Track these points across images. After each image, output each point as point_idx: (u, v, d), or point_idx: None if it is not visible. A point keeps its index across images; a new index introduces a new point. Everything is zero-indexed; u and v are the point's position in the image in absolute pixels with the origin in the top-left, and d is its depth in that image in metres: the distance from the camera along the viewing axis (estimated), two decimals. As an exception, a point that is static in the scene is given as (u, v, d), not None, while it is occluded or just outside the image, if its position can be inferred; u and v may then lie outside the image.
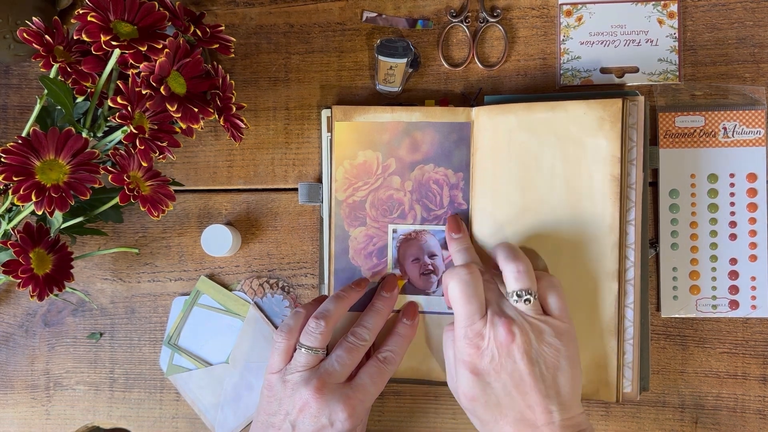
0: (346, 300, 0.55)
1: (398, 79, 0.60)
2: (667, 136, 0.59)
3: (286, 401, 0.52)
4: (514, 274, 0.50)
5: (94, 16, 0.47)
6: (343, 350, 0.53)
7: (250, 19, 0.63)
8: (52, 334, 0.64)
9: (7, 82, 0.65)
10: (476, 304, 0.50)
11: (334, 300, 0.55)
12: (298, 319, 0.54)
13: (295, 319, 0.54)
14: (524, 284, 0.50)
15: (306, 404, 0.51)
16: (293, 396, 0.51)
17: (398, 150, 0.58)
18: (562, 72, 0.60)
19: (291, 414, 0.51)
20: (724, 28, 0.59)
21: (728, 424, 0.58)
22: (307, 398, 0.51)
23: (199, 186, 0.63)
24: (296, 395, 0.51)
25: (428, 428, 0.60)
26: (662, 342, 0.59)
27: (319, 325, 0.53)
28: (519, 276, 0.50)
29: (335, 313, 0.54)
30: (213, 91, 0.52)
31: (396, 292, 0.56)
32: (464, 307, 0.50)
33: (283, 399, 0.52)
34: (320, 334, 0.53)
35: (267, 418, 0.53)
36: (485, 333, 0.49)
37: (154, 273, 0.63)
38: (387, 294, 0.56)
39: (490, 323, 0.49)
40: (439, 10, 0.61)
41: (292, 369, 0.53)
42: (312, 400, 0.51)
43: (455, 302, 0.50)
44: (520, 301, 0.49)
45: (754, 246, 0.58)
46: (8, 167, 0.46)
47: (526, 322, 0.49)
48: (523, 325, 0.49)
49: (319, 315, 0.53)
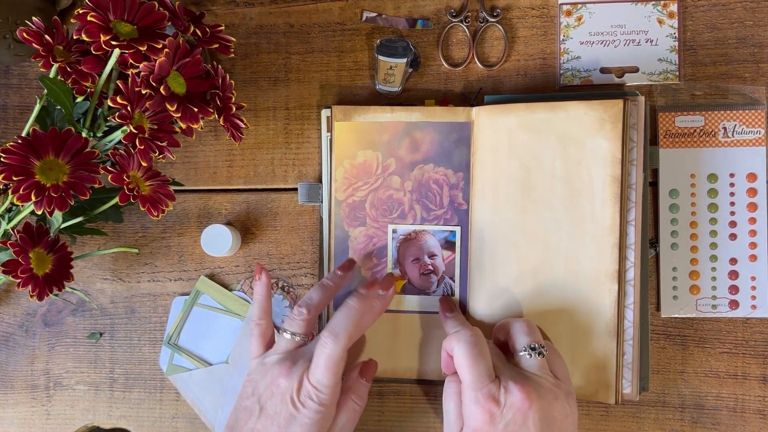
0: (331, 288, 0.54)
1: (398, 79, 0.60)
2: (667, 136, 0.59)
3: (260, 383, 0.51)
4: (524, 329, 0.50)
5: (94, 15, 0.47)
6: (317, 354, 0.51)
7: (250, 19, 0.63)
8: (52, 334, 0.64)
9: (7, 82, 0.65)
10: (484, 365, 0.48)
11: (319, 288, 0.53)
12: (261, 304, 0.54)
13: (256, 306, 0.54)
14: (535, 337, 0.50)
15: (276, 385, 0.50)
16: (265, 377, 0.51)
17: (398, 150, 0.58)
18: (562, 72, 0.60)
19: (262, 396, 0.50)
20: (724, 28, 0.59)
21: (728, 424, 0.58)
22: (277, 378, 0.50)
23: (199, 186, 0.63)
24: (268, 376, 0.51)
25: (428, 428, 0.60)
26: (662, 342, 0.59)
27: (301, 313, 0.52)
28: (530, 330, 0.50)
29: (318, 301, 0.53)
30: (213, 91, 0.52)
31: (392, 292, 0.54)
32: (473, 369, 0.48)
33: (258, 381, 0.51)
34: (303, 320, 0.52)
35: (241, 401, 0.52)
36: (500, 398, 0.47)
37: (153, 273, 0.63)
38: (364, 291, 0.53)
39: (504, 387, 0.47)
40: (439, 10, 0.61)
41: (271, 352, 0.53)
42: (282, 379, 0.50)
43: (462, 365, 0.48)
44: (534, 354, 0.49)
45: (754, 246, 0.58)
46: (8, 167, 0.46)
47: (541, 386, 0.48)
48: (539, 389, 0.47)
49: (303, 303, 0.53)
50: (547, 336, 0.55)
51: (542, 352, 0.49)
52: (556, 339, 0.55)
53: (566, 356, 0.55)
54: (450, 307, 0.56)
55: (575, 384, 0.55)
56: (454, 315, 0.55)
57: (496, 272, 0.56)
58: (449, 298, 0.57)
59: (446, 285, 0.58)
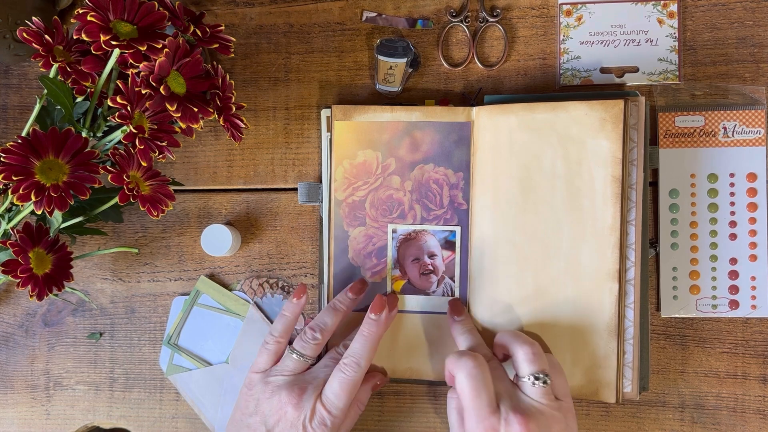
0: (342, 312, 0.55)
1: (398, 79, 0.60)
2: (667, 136, 0.59)
3: (264, 403, 0.52)
4: (528, 356, 0.49)
5: (94, 15, 0.47)
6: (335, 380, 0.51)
7: (250, 19, 0.63)
8: (52, 334, 0.64)
9: (7, 82, 0.65)
10: (485, 398, 0.48)
11: (332, 312, 0.55)
12: (287, 322, 0.55)
13: (282, 322, 0.55)
14: (539, 366, 0.49)
15: (284, 412, 0.51)
16: (271, 399, 0.52)
17: (398, 150, 0.58)
18: (562, 72, 0.60)
19: (268, 419, 0.51)
20: (724, 28, 0.59)
21: (728, 424, 0.58)
22: (285, 406, 0.51)
23: (199, 186, 0.63)
24: (274, 399, 0.52)
25: (428, 428, 0.60)
26: (662, 342, 0.59)
27: (315, 337, 0.54)
28: (534, 358, 0.49)
29: (331, 326, 0.54)
30: (213, 91, 0.52)
31: (385, 314, 0.54)
32: (473, 401, 0.48)
33: (261, 400, 0.52)
34: (315, 344, 0.54)
35: (243, 417, 0.53)
36: (500, 430, 0.47)
37: (153, 273, 0.63)
38: (374, 316, 0.54)
39: (505, 420, 0.47)
40: (439, 9, 0.61)
41: (277, 371, 0.53)
42: (290, 408, 0.51)
43: (464, 396, 0.48)
44: (538, 384, 0.48)
45: (754, 246, 0.58)
46: (8, 167, 0.46)
47: (541, 414, 0.47)
48: (539, 418, 0.47)
49: (316, 327, 0.54)
50: (548, 347, 0.55)
51: (546, 381, 0.48)
52: (556, 338, 0.55)
53: (567, 355, 0.55)
54: (459, 311, 0.56)
55: (576, 383, 0.55)
56: (462, 319, 0.56)
57: (496, 272, 0.56)
58: (458, 302, 0.57)
59: (446, 285, 0.58)
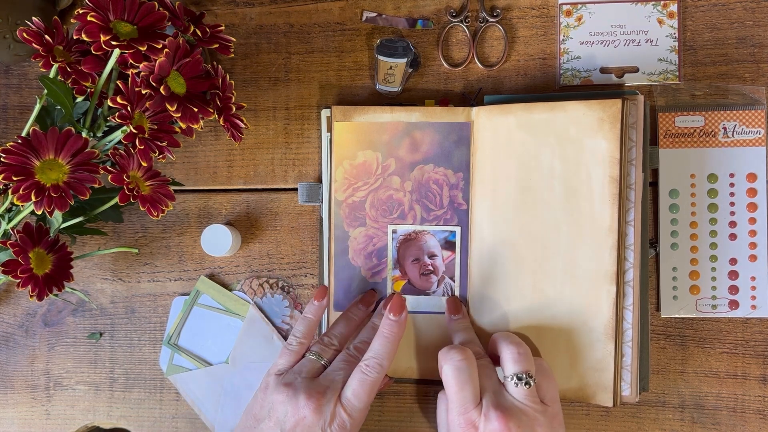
0: (355, 323, 0.57)
1: (398, 79, 0.60)
2: (667, 136, 0.59)
3: (278, 407, 0.51)
4: (513, 355, 0.49)
5: (94, 16, 0.47)
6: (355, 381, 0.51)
7: (250, 19, 0.63)
8: (52, 334, 0.64)
9: (7, 82, 0.65)
10: (469, 391, 0.48)
11: (345, 321, 0.56)
12: (310, 324, 0.56)
13: (305, 324, 0.56)
14: (524, 366, 0.49)
15: (302, 416, 0.50)
16: (287, 403, 0.50)
17: (398, 150, 0.58)
18: (561, 72, 0.60)
19: (285, 424, 0.50)
20: (724, 28, 0.59)
21: (728, 424, 0.58)
22: (304, 409, 0.50)
23: (199, 186, 0.63)
24: (291, 403, 0.50)
25: (428, 428, 0.60)
26: (662, 342, 0.59)
27: (333, 344, 0.55)
28: (519, 358, 0.49)
29: (346, 335, 0.56)
30: (213, 91, 0.52)
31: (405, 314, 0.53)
32: (457, 394, 0.48)
33: (276, 404, 0.51)
34: (333, 349, 0.55)
35: (254, 423, 0.52)
36: (479, 425, 0.47)
37: (153, 273, 0.63)
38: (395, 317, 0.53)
39: (485, 416, 0.47)
40: (439, 10, 0.61)
41: (294, 373, 0.53)
42: (309, 412, 0.50)
43: (448, 387, 0.49)
44: (521, 384, 0.48)
45: (754, 246, 0.58)
46: (8, 167, 0.46)
47: (523, 414, 0.47)
48: (520, 418, 0.47)
49: (333, 336, 0.55)
50: (538, 350, 0.55)
51: (529, 382, 0.48)
52: (553, 341, 0.55)
53: (564, 358, 0.55)
54: (456, 309, 0.56)
55: (573, 386, 0.55)
56: (460, 318, 0.56)
57: (495, 273, 0.56)
58: (456, 300, 0.57)
59: (446, 285, 0.58)
